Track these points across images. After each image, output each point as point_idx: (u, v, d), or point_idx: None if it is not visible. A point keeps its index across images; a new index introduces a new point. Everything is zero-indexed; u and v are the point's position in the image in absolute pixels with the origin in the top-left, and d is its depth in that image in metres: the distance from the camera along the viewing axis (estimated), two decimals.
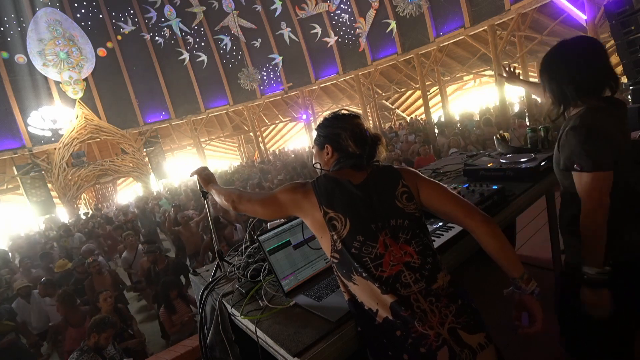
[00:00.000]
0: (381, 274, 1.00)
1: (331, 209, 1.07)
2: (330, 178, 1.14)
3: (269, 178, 9.19)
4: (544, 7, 9.68)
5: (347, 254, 1.03)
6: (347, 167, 1.16)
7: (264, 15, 15.59)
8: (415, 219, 1.09)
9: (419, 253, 1.04)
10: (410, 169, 1.22)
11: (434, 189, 1.15)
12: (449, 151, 6.29)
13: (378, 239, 1.03)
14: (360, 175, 1.14)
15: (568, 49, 1.25)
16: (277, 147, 20.30)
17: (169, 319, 3.59)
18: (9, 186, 13.02)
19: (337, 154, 1.20)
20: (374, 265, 1.01)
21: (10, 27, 12.46)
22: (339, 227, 1.05)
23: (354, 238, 1.04)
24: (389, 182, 1.14)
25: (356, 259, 1.02)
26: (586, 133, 1.17)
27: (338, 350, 1.03)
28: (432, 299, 0.99)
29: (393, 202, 1.09)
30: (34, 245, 7.95)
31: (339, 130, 1.19)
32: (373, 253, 1.02)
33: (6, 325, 3.69)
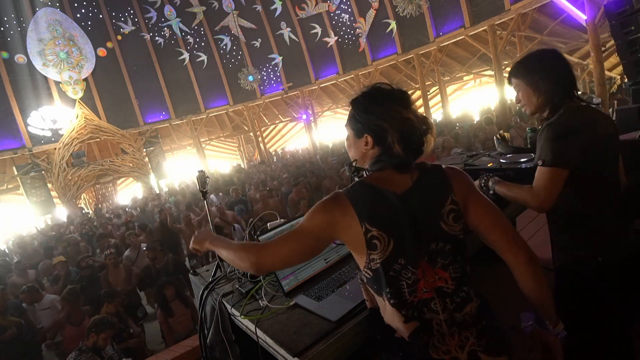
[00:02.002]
0: (413, 299, 0.92)
1: (374, 226, 0.91)
2: (368, 186, 0.97)
3: (273, 178, 9.18)
4: (544, 7, 9.68)
5: (384, 276, 0.92)
6: (389, 167, 0.99)
7: (264, 15, 15.60)
8: (458, 243, 0.97)
9: (455, 279, 0.94)
10: (462, 174, 1.04)
11: (485, 212, 1.00)
12: (445, 151, 6.27)
13: (419, 264, 0.92)
14: (403, 180, 0.97)
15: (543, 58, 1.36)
16: (280, 147, 20.30)
17: (165, 321, 3.54)
18: (9, 186, 13.02)
19: (378, 148, 1.00)
20: (409, 290, 0.92)
21: (10, 27, 12.45)
22: (380, 247, 0.91)
23: (395, 261, 0.92)
24: (436, 196, 0.97)
25: (392, 283, 0.92)
26: (555, 130, 1.26)
27: (338, 350, 1.03)
28: (455, 328, 0.92)
29: (438, 223, 0.95)
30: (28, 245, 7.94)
31: (383, 123, 0.97)
32: (412, 279, 0.92)
33: (10, 320, 3.70)
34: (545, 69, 1.33)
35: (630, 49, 3.73)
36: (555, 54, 1.36)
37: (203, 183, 1.66)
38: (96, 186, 14.74)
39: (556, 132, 1.26)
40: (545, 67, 1.34)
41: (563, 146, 1.24)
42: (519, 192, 1.38)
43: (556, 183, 1.25)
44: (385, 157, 0.99)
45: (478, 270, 2.66)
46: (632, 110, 3.44)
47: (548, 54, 1.37)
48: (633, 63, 3.74)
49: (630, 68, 3.78)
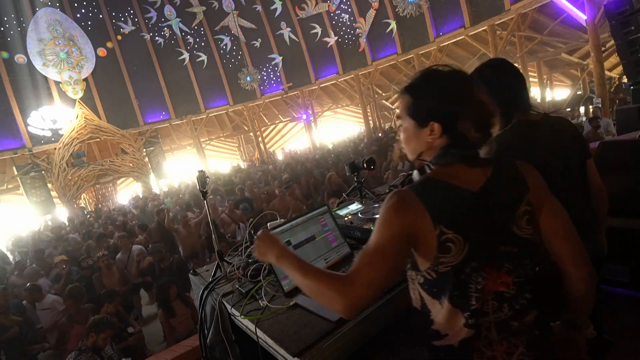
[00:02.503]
0: (478, 305, 0.84)
1: (450, 229, 0.82)
2: (438, 182, 0.88)
3: (271, 178, 9.18)
4: (544, 7, 9.68)
5: (453, 278, 0.84)
6: (459, 160, 0.88)
7: (264, 15, 15.60)
8: (528, 246, 0.88)
9: (516, 284, 0.86)
10: (536, 173, 0.95)
11: (559, 219, 0.93)
12: None
13: (491, 267, 0.85)
14: (475, 175, 0.88)
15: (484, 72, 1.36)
16: (279, 148, 20.30)
17: (167, 321, 3.54)
18: (9, 186, 13.02)
19: (446, 137, 0.89)
20: (476, 296, 0.84)
21: (10, 27, 12.45)
22: (454, 251, 0.83)
23: (468, 264, 0.83)
24: (511, 195, 0.89)
25: (461, 287, 0.84)
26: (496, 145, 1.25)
27: (338, 350, 1.03)
28: (505, 334, 0.85)
29: (510, 225, 0.87)
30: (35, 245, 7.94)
31: (456, 108, 0.87)
32: (481, 284, 0.84)
33: (12, 319, 3.71)
34: (487, 84, 1.30)
35: (630, 49, 3.73)
36: (501, 66, 1.35)
37: (203, 183, 1.66)
38: (96, 186, 14.74)
39: (498, 148, 1.26)
40: (487, 81, 1.31)
41: None
42: None
43: None
44: (454, 149, 0.88)
45: None
46: (632, 110, 3.45)
47: (491, 67, 1.35)
48: (633, 63, 3.75)
49: (630, 68, 3.78)
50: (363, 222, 1.67)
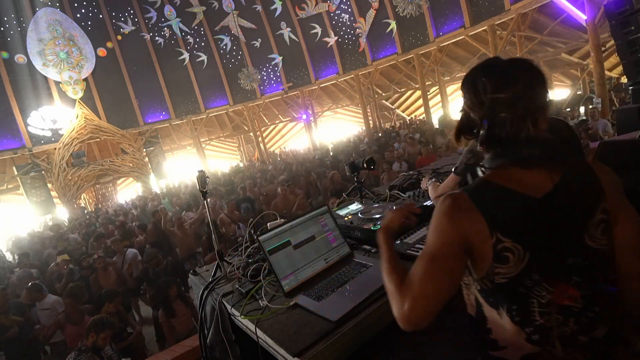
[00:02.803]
0: (543, 321, 0.78)
1: (508, 237, 0.76)
2: (496, 187, 0.80)
3: (268, 178, 9.18)
4: (544, 7, 9.68)
5: (510, 292, 0.78)
6: (509, 163, 0.81)
7: (264, 15, 15.59)
8: (600, 258, 0.79)
9: (585, 298, 0.78)
10: (613, 176, 0.84)
11: (632, 229, 0.81)
12: (449, 150, 6.27)
13: (556, 281, 0.77)
14: (538, 179, 0.80)
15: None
16: (279, 148, 20.30)
17: (167, 321, 3.54)
18: (9, 186, 13.01)
19: (493, 145, 0.83)
20: (540, 311, 0.77)
21: (10, 27, 12.45)
22: (512, 260, 0.76)
23: (528, 276, 0.77)
24: (585, 203, 0.79)
25: (521, 301, 0.78)
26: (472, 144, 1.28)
27: (338, 350, 1.03)
28: (571, 349, 0.78)
29: (581, 235, 0.78)
30: (35, 244, 7.94)
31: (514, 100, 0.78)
32: (546, 298, 0.76)
33: (12, 319, 3.70)
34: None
35: (630, 49, 3.73)
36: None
37: (203, 183, 1.66)
38: (96, 186, 14.75)
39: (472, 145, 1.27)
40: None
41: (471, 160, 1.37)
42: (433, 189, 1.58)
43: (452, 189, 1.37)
44: (511, 150, 0.80)
45: None
46: (632, 110, 3.45)
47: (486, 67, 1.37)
48: (633, 63, 3.75)
49: (630, 68, 3.78)
50: (363, 222, 1.67)
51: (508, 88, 0.78)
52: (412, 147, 7.83)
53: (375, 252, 1.52)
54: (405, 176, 2.37)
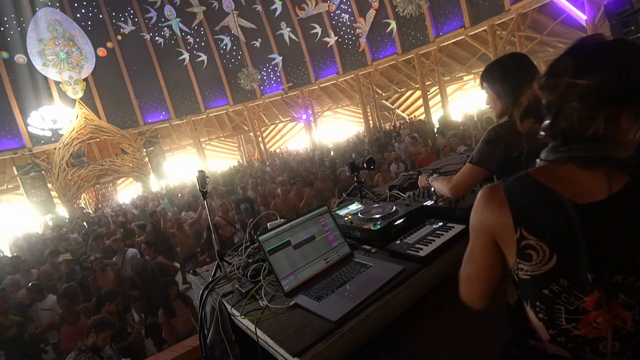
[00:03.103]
0: (571, 329, 0.74)
1: (532, 235, 0.73)
2: (534, 184, 0.75)
3: (267, 178, 9.18)
4: (544, 7, 9.68)
5: (533, 290, 0.77)
6: (569, 158, 0.73)
7: (264, 15, 15.59)
8: None
9: (637, 321, 0.70)
10: None
11: None
12: (450, 151, 6.28)
13: (590, 293, 0.71)
14: (593, 183, 0.71)
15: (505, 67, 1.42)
16: (278, 148, 20.30)
17: (167, 321, 3.53)
18: (9, 186, 13.01)
19: (556, 134, 0.75)
20: (567, 317, 0.74)
21: (10, 27, 12.45)
22: (535, 259, 0.74)
23: (555, 280, 0.73)
24: None
25: (545, 301, 0.75)
26: (489, 134, 1.37)
27: (338, 350, 1.03)
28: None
29: (636, 252, 0.69)
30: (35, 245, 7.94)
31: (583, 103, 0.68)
32: (574, 305, 0.72)
33: (12, 319, 3.71)
34: (505, 79, 1.39)
35: None
36: (519, 61, 1.38)
37: (203, 183, 1.66)
38: (96, 186, 14.74)
39: (489, 136, 1.37)
40: (506, 76, 1.39)
41: (487, 150, 1.37)
42: (442, 181, 1.56)
43: (470, 178, 1.42)
44: (576, 146, 0.71)
45: None
46: None
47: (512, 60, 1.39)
48: None
49: None
50: (363, 222, 1.67)
51: (591, 74, 0.67)
52: (413, 147, 7.82)
53: (375, 252, 1.52)
54: (405, 176, 2.37)
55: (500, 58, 1.47)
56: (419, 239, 1.46)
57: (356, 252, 1.57)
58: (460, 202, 1.62)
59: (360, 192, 2.22)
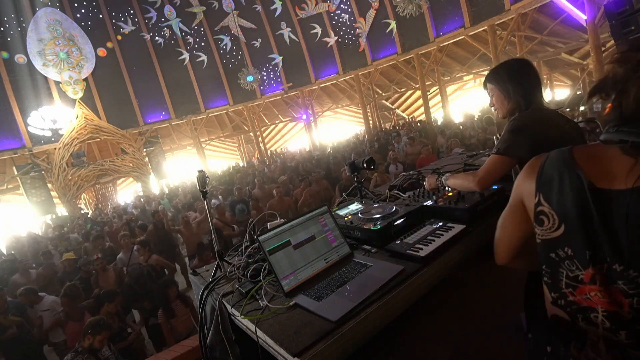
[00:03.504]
0: (569, 294, 0.81)
1: (547, 203, 0.81)
2: (567, 159, 0.79)
3: (266, 179, 9.18)
4: (544, 7, 9.67)
5: (543, 254, 0.85)
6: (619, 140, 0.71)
7: (264, 15, 15.59)
8: None
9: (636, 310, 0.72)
10: None
11: None
12: (451, 151, 6.27)
13: (587, 268, 0.76)
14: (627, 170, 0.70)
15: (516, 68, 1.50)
16: (278, 148, 20.30)
17: (167, 322, 3.53)
18: (9, 186, 13.01)
19: (616, 113, 0.72)
20: (566, 282, 0.81)
21: (10, 27, 12.45)
22: (546, 225, 0.81)
23: (560, 247, 0.80)
24: None
25: (550, 264, 0.83)
26: (513, 124, 1.42)
27: (338, 350, 1.03)
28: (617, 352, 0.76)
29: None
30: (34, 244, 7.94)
31: None
32: (574, 273, 0.79)
33: (11, 319, 3.70)
34: (516, 79, 1.47)
35: None
36: (527, 65, 1.49)
37: (203, 183, 1.66)
38: (96, 186, 14.74)
39: (513, 126, 1.41)
40: (516, 77, 1.47)
41: (513, 139, 1.38)
42: (464, 177, 1.55)
43: (497, 168, 1.43)
44: (619, 128, 0.70)
45: (478, 270, 2.66)
46: None
47: (520, 64, 1.49)
48: None
49: None
50: (363, 222, 1.67)
51: None
52: (411, 148, 7.81)
53: (375, 252, 1.52)
54: (405, 176, 2.37)
55: (508, 61, 1.55)
56: (419, 239, 1.46)
57: (356, 252, 1.57)
58: (460, 202, 1.62)
59: (360, 192, 2.22)
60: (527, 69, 1.48)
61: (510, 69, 1.50)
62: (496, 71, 1.54)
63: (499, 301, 2.31)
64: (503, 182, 1.83)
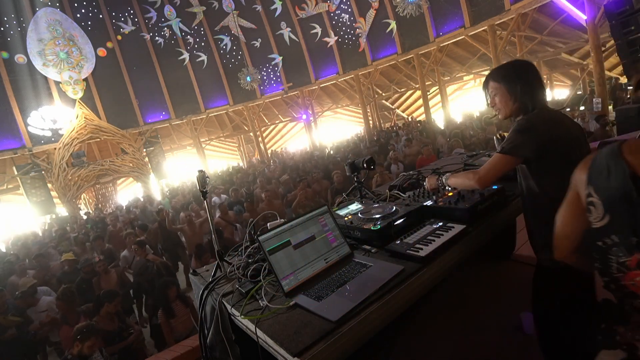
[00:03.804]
0: (620, 279, 0.87)
1: (595, 193, 0.88)
2: (615, 154, 0.86)
3: (267, 178, 9.17)
4: (544, 7, 9.68)
5: (592, 242, 0.91)
6: None
7: (264, 15, 15.60)
8: None
9: None
10: None
11: None
12: (451, 152, 6.27)
13: (633, 254, 0.83)
14: None
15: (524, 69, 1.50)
16: (279, 148, 20.29)
17: (167, 322, 3.52)
18: (9, 186, 13.01)
19: None
20: (617, 267, 0.87)
21: (10, 27, 12.45)
22: (593, 214, 0.89)
23: (607, 235, 0.87)
24: None
25: (599, 251, 0.89)
26: (520, 124, 1.42)
27: (338, 350, 1.03)
28: None
29: None
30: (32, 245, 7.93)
31: None
32: (622, 259, 0.85)
33: (11, 320, 3.70)
34: (525, 80, 1.46)
35: (630, 49, 3.73)
36: (532, 66, 1.51)
37: (203, 183, 1.66)
38: (96, 186, 14.73)
39: (521, 126, 1.41)
40: (525, 78, 1.47)
41: (520, 139, 1.38)
42: (465, 175, 1.56)
43: (500, 167, 1.43)
44: None
45: (478, 270, 2.67)
46: (632, 110, 3.45)
47: (527, 65, 1.51)
48: (633, 63, 3.75)
49: (630, 68, 3.78)
50: (363, 222, 1.67)
51: None
52: (408, 149, 7.79)
53: (375, 252, 1.52)
54: (405, 176, 2.37)
55: (514, 61, 1.56)
56: (419, 239, 1.46)
57: (356, 252, 1.57)
58: (460, 202, 1.62)
59: (360, 192, 2.22)
60: (533, 70, 1.49)
61: (520, 69, 1.49)
62: (504, 71, 1.52)
63: (499, 301, 2.31)
64: (503, 182, 1.83)
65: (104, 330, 3.25)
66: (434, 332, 2.09)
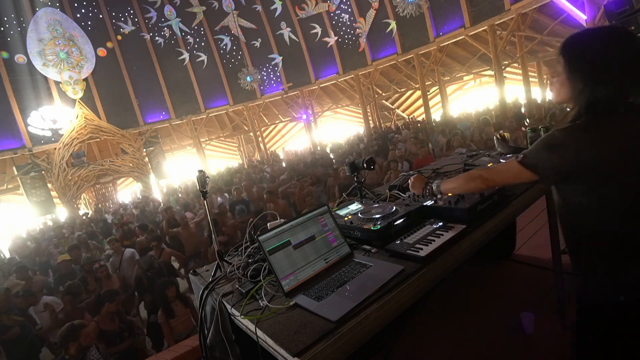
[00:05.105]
0: None
1: None
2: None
3: (268, 178, 9.18)
4: (544, 7, 9.68)
5: None
6: None
7: (264, 15, 15.60)
8: None
9: None
10: None
11: None
12: (449, 151, 6.27)
13: None
14: None
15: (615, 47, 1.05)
16: (279, 148, 20.30)
17: (166, 322, 3.52)
18: (9, 186, 13.02)
19: None
20: None
21: (10, 27, 12.45)
22: None
23: None
24: None
25: None
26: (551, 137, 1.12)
27: (338, 350, 1.02)
28: None
29: None
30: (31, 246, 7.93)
31: None
32: None
33: (14, 319, 3.70)
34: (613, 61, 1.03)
35: None
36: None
37: (203, 183, 1.66)
38: (96, 186, 14.75)
39: (549, 140, 1.12)
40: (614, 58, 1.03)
41: (544, 156, 1.13)
42: (467, 178, 1.41)
43: (512, 179, 1.25)
44: None
45: (478, 270, 2.67)
46: None
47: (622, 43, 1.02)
48: None
49: None
50: (363, 222, 1.67)
51: None
52: (414, 147, 7.82)
53: (375, 252, 1.52)
54: (405, 176, 2.37)
55: (609, 27, 1.16)
56: (419, 239, 1.46)
57: (356, 252, 1.56)
58: (460, 202, 1.62)
59: (360, 192, 2.22)
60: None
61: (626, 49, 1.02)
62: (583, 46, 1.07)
63: (499, 301, 2.31)
64: None
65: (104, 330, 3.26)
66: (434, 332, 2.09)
